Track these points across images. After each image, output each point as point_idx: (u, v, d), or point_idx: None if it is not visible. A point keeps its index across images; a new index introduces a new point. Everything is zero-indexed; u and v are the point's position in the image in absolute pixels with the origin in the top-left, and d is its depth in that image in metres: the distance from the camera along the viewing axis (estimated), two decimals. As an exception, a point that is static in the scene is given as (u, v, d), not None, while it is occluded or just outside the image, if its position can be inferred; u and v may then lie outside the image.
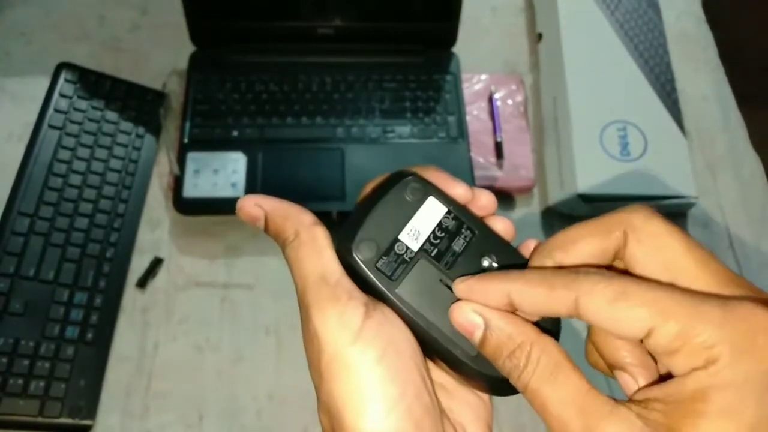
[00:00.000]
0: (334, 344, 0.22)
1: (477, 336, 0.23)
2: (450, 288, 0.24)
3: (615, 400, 0.20)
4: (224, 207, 0.62)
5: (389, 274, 0.24)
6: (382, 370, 0.21)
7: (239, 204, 0.26)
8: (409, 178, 0.26)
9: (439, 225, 0.25)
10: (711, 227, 0.69)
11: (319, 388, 0.22)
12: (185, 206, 0.62)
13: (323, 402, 0.22)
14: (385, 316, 0.23)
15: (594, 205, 0.63)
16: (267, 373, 0.58)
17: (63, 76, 0.65)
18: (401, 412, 0.21)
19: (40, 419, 0.52)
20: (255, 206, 0.26)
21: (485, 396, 0.26)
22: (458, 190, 0.26)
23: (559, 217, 0.67)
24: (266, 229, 0.26)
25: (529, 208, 0.68)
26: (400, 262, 0.24)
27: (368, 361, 0.21)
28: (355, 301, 0.22)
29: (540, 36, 0.76)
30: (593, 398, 0.20)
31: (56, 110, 0.63)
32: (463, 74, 0.72)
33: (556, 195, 0.66)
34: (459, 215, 0.25)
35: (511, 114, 0.71)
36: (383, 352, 0.21)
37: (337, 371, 0.21)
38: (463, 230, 0.25)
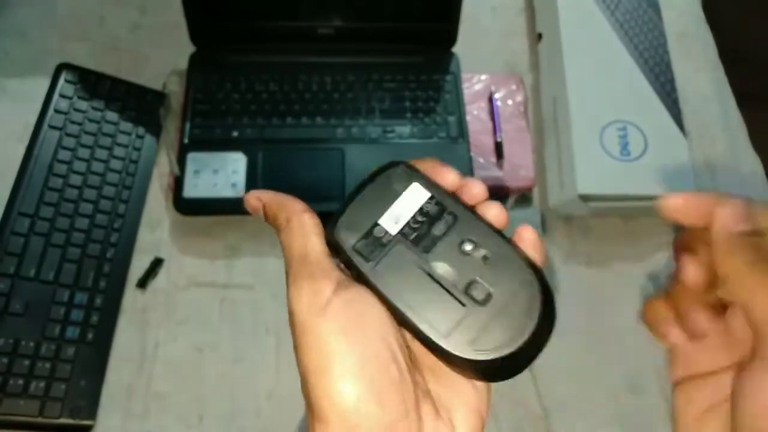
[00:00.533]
0: (303, 315, 0.24)
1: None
2: (425, 271, 0.25)
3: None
4: (224, 207, 0.62)
5: (366, 255, 0.26)
6: (345, 343, 0.23)
7: (245, 197, 0.29)
8: (397, 166, 0.27)
9: (420, 210, 0.26)
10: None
11: (296, 361, 0.24)
12: (185, 206, 0.62)
13: (300, 373, 0.24)
14: (359, 295, 0.25)
15: (594, 205, 0.63)
16: (267, 373, 0.58)
17: (63, 76, 0.65)
18: (364, 384, 0.22)
19: (40, 419, 0.52)
20: (256, 199, 0.29)
21: (480, 385, 0.26)
22: (448, 177, 0.27)
23: (560, 218, 0.67)
24: (266, 219, 0.28)
25: (529, 209, 0.68)
26: (377, 245, 0.26)
27: (332, 332, 0.23)
28: (328, 279, 0.24)
29: (540, 36, 0.76)
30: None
31: (56, 111, 0.63)
32: (463, 74, 0.72)
33: (556, 195, 0.67)
34: (442, 201, 0.26)
35: (511, 114, 0.71)
36: (347, 326, 0.23)
37: (305, 341, 0.24)
38: (444, 215, 0.26)
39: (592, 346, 0.62)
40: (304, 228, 0.26)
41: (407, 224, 0.26)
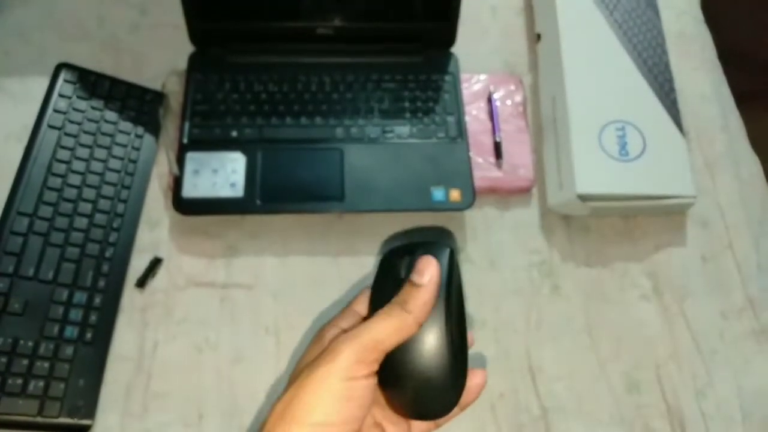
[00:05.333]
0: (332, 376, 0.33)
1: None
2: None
3: None
4: (224, 207, 0.62)
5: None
6: (341, 405, 0.33)
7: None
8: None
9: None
10: (710, 227, 0.69)
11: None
12: (185, 206, 0.62)
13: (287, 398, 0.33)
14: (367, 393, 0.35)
15: (593, 205, 0.63)
16: (267, 373, 0.58)
17: (62, 76, 0.65)
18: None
19: (39, 419, 0.52)
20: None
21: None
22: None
23: (559, 218, 0.67)
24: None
25: (528, 209, 0.68)
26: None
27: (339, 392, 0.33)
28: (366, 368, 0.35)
29: (539, 36, 0.76)
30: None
31: (55, 110, 0.63)
32: (462, 74, 0.72)
33: (555, 195, 0.67)
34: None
35: (510, 114, 0.71)
36: (348, 397, 0.33)
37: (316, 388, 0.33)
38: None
39: (592, 346, 0.62)
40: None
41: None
